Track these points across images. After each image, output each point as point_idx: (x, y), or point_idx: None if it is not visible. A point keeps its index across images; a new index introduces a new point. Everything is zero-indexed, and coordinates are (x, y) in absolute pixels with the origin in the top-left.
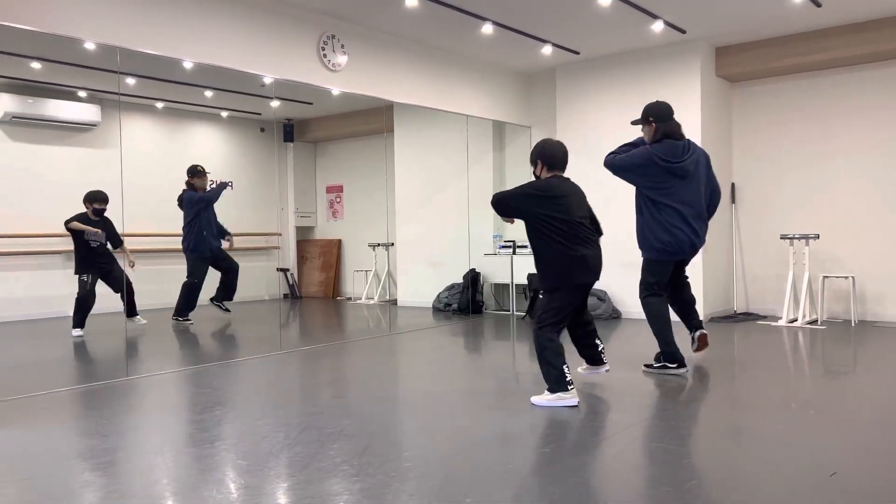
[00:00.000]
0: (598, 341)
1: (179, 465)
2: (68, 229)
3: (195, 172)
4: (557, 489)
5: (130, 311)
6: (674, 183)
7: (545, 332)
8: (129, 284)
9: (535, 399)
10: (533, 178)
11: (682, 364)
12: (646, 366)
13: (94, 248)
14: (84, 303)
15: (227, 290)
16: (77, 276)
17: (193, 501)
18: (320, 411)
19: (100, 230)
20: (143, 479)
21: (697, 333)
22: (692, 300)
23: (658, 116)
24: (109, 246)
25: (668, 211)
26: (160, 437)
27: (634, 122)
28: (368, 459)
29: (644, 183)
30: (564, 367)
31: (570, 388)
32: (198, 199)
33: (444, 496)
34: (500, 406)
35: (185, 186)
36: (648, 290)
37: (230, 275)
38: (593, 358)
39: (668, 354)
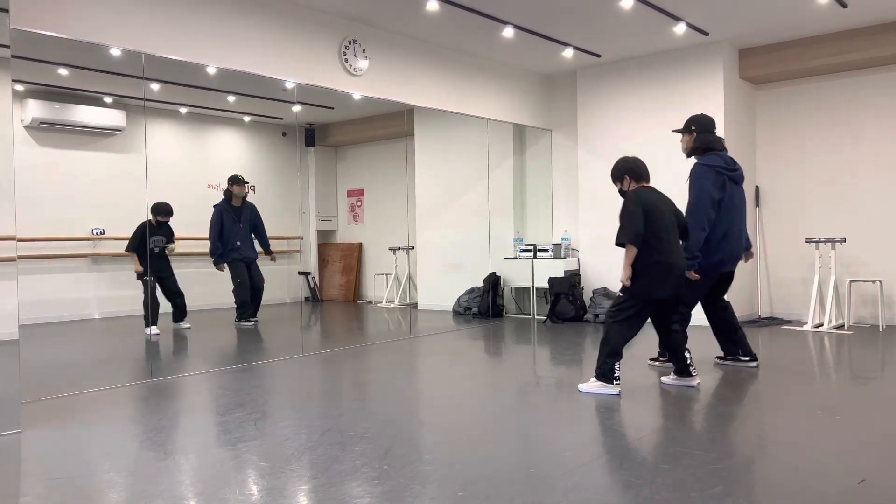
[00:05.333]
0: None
1: (202, 466)
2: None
3: (234, 181)
4: (579, 494)
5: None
6: (733, 191)
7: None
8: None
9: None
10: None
11: (754, 357)
12: (718, 357)
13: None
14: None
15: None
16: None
17: (215, 502)
18: (342, 414)
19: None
20: (167, 480)
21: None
22: (737, 323)
23: (700, 126)
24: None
25: (725, 221)
26: (183, 439)
27: (675, 131)
28: (389, 462)
29: (717, 196)
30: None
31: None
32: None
33: (465, 500)
34: (521, 410)
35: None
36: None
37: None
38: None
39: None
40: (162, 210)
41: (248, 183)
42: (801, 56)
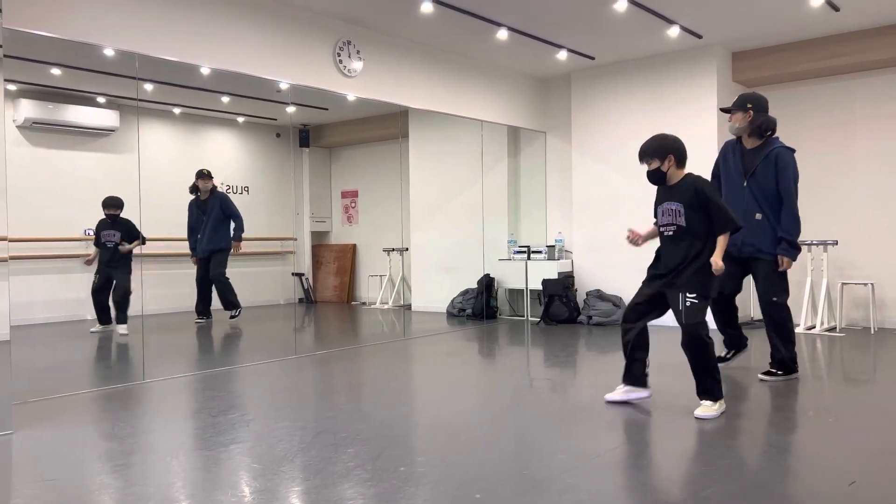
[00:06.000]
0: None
1: (194, 467)
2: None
3: (199, 175)
4: (573, 496)
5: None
6: None
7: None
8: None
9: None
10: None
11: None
12: (764, 373)
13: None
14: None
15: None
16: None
17: None
18: (335, 415)
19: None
20: (159, 482)
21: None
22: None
23: (757, 105)
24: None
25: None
26: (176, 440)
27: (724, 109)
28: (383, 464)
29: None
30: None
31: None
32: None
33: (458, 501)
34: (514, 411)
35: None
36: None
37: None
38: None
39: (793, 360)
40: (109, 204)
41: (212, 177)
42: (794, 59)
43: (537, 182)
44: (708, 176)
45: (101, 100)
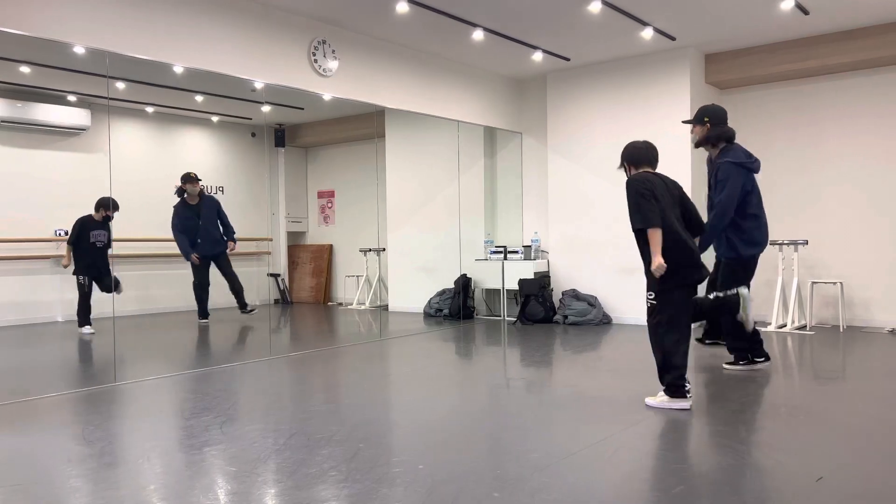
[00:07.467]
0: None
1: (168, 470)
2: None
3: (186, 179)
4: (546, 494)
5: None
6: (755, 184)
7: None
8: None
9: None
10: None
11: (768, 357)
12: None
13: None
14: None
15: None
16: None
17: None
18: (310, 417)
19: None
20: (131, 485)
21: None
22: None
23: (715, 118)
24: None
25: (759, 215)
26: (148, 443)
27: (686, 122)
28: (357, 465)
29: (742, 191)
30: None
31: (688, 395)
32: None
33: (432, 501)
34: (490, 411)
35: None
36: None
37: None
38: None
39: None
40: (105, 205)
41: (200, 181)
42: (765, 62)
43: (513, 182)
44: (685, 175)
45: (71, 98)
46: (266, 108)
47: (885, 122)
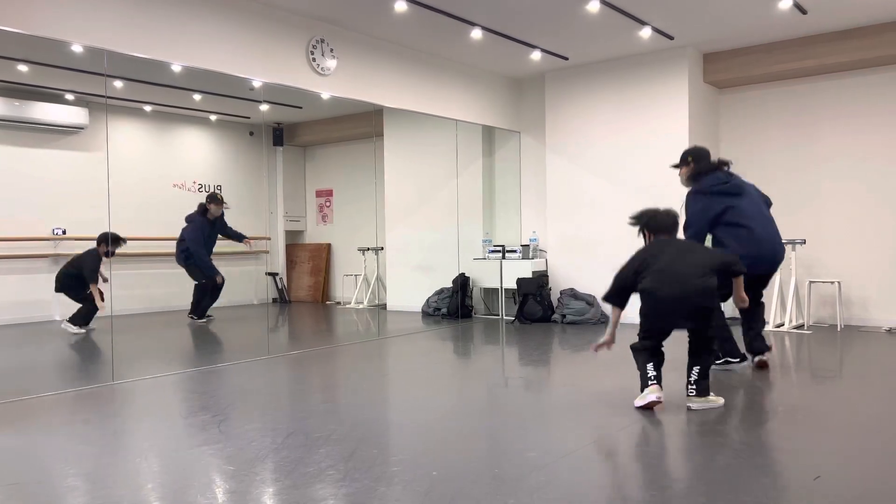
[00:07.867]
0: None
1: (165, 469)
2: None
3: (213, 199)
4: (544, 493)
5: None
6: (735, 202)
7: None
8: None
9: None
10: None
11: (743, 357)
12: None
13: None
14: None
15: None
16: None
17: None
18: (308, 416)
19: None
20: (129, 484)
21: (758, 359)
22: (764, 323)
23: (697, 156)
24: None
25: (741, 229)
26: (146, 442)
27: (673, 166)
28: (355, 464)
29: (715, 217)
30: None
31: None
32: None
33: (431, 501)
34: (489, 410)
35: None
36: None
37: None
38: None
39: (729, 351)
40: (119, 240)
41: (225, 203)
42: (764, 61)
43: (512, 181)
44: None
45: (69, 97)
46: (264, 107)
47: (883, 121)
